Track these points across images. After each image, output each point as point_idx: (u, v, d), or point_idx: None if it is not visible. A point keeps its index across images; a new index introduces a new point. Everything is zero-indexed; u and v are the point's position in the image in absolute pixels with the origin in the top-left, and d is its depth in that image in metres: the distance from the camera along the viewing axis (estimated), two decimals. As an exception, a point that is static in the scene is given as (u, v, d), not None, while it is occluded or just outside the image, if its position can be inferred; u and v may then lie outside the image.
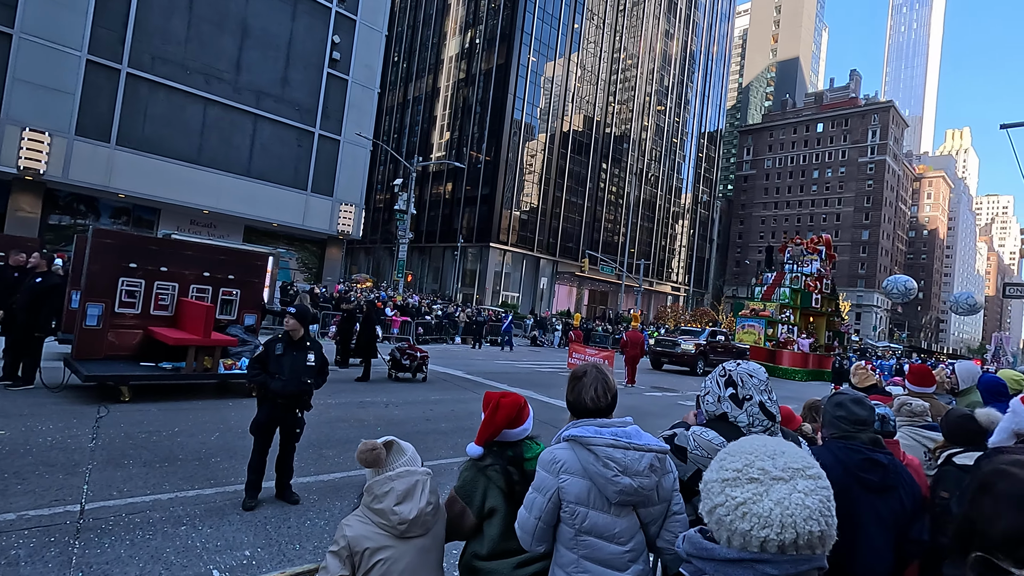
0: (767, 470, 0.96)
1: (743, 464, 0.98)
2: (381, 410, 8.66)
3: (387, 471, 2.02)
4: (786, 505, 0.92)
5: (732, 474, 0.98)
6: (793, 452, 1.00)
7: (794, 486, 0.94)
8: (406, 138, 65.83)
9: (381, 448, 2.05)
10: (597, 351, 17.23)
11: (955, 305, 18.00)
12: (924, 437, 3.37)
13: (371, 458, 2.03)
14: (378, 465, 2.04)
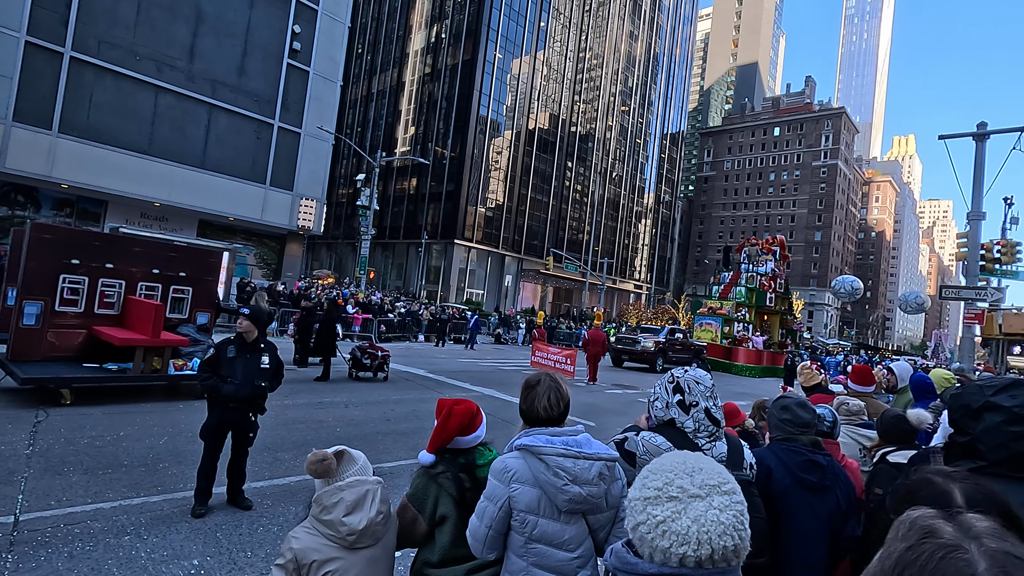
0: (685, 488, 1.00)
1: (663, 483, 1.02)
2: (340, 411, 8.52)
3: (337, 481, 2.00)
4: (702, 522, 0.96)
5: (653, 492, 1.02)
6: (710, 468, 1.04)
7: (710, 503, 0.99)
8: (370, 132, 64.76)
9: (331, 458, 2.02)
10: (560, 349, 17.35)
11: (904, 304, 18.92)
12: (860, 435, 3.54)
13: (321, 469, 2.00)
14: (328, 476, 2.01)
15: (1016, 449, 1.45)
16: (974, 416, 1.53)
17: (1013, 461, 1.46)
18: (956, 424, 1.60)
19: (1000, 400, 1.50)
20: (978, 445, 1.51)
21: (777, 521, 2.28)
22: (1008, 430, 1.47)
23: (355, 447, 6.71)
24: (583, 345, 16.14)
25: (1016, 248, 16.30)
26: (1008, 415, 1.48)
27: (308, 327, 11.89)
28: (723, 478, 1.03)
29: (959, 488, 1.08)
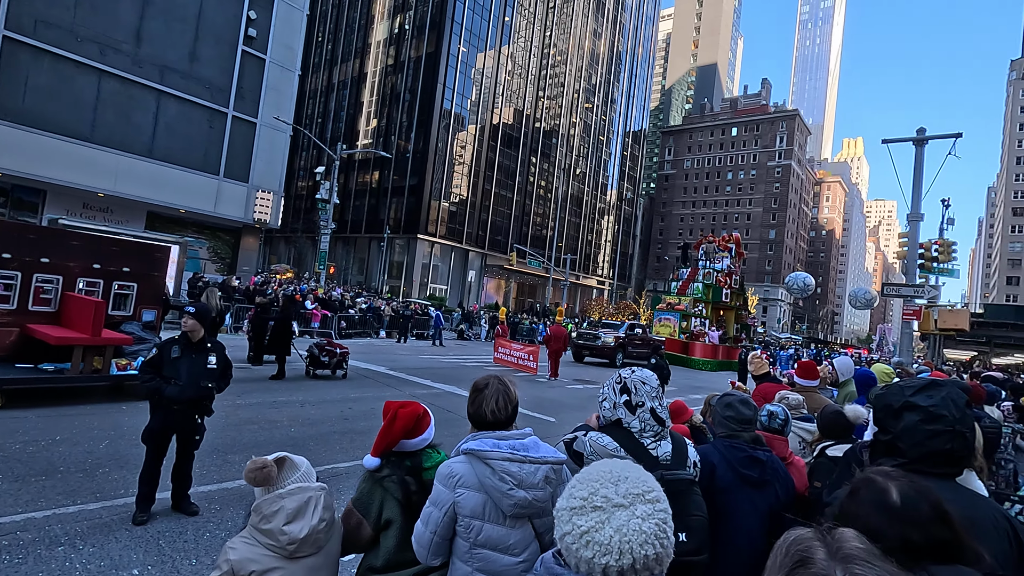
0: (609, 497, 1.01)
1: (588, 492, 1.03)
2: (296, 410, 8.32)
3: (278, 489, 1.94)
4: (624, 532, 0.97)
5: (578, 503, 1.02)
6: (636, 477, 1.05)
7: (633, 512, 1.00)
8: (331, 124, 63.28)
9: (272, 465, 1.96)
10: (523, 346, 17.42)
11: (854, 299, 19.80)
12: (800, 428, 3.68)
13: (261, 477, 1.93)
14: (268, 483, 1.95)
15: (932, 447, 1.53)
16: (895, 415, 1.60)
17: (929, 458, 1.54)
18: (880, 423, 1.67)
19: (918, 400, 1.57)
20: (898, 443, 1.58)
21: (720, 516, 2.34)
22: (925, 428, 1.54)
23: (310, 447, 6.57)
24: (545, 341, 16.27)
25: (952, 247, 17.25)
26: (925, 414, 1.55)
27: (263, 324, 11.55)
28: (648, 486, 1.04)
29: (895, 486, 1.13)
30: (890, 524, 1.09)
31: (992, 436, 4.62)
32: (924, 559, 1.09)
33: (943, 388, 1.60)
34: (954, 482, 1.57)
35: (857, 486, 1.18)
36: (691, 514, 1.90)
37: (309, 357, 11.12)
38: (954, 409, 1.55)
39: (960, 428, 1.53)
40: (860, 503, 1.14)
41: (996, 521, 1.49)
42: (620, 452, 2.07)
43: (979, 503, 1.52)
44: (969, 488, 1.61)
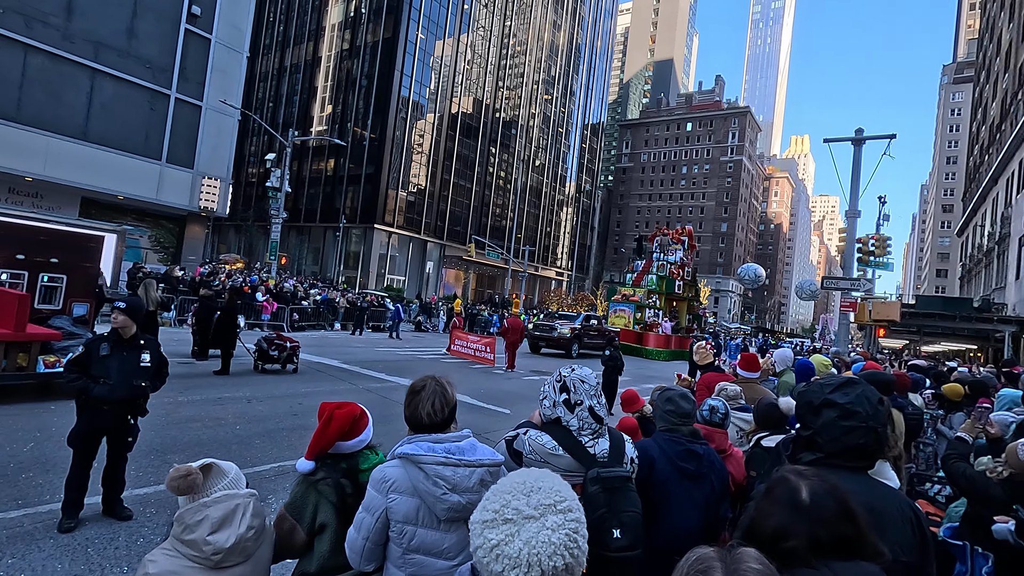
0: (520, 509, 1.00)
1: (500, 505, 1.02)
2: (242, 407, 8.05)
3: (202, 497, 1.86)
4: (533, 544, 0.96)
5: (490, 515, 1.02)
6: (549, 487, 1.05)
7: (543, 523, 0.99)
8: (283, 109, 61.12)
9: (196, 473, 1.88)
10: (480, 337, 17.39)
11: (800, 291, 20.69)
12: (737, 418, 3.82)
13: (184, 485, 1.84)
14: (193, 492, 1.86)
15: (847, 442, 1.60)
16: (815, 412, 1.67)
17: (846, 453, 1.62)
18: (801, 419, 1.74)
19: (836, 397, 1.65)
20: (817, 439, 1.65)
21: (659, 507, 2.41)
22: (841, 425, 1.61)
23: (256, 445, 6.37)
24: (501, 333, 16.27)
25: (887, 242, 18.28)
26: (842, 411, 1.62)
27: (208, 318, 11.10)
28: (560, 496, 1.04)
29: (806, 485, 1.18)
30: (799, 521, 1.13)
31: (914, 422, 4.92)
32: (829, 555, 1.14)
33: (858, 386, 1.68)
34: (866, 475, 1.66)
35: (772, 484, 1.23)
36: (625, 511, 1.93)
37: (258, 351, 10.77)
38: (868, 406, 1.63)
39: (873, 424, 1.61)
40: (774, 501, 1.19)
41: (902, 511, 1.58)
42: (559, 451, 2.09)
43: (888, 495, 1.60)
44: (880, 480, 1.70)
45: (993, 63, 38.69)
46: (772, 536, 1.15)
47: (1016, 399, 4.86)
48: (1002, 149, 30.10)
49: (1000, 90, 34.40)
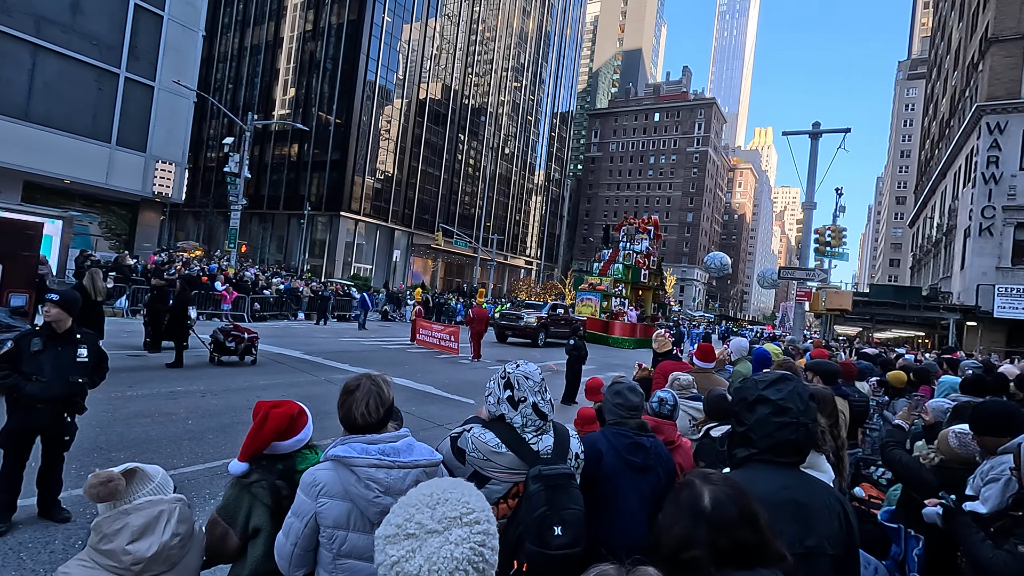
0: (423, 523, 0.96)
1: (403, 519, 0.97)
2: (196, 400, 7.80)
3: (123, 504, 1.76)
4: (434, 560, 0.92)
5: (392, 530, 0.97)
6: (456, 498, 1.01)
7: (447, 538, 0.95)
8: (243, 91, 59.00)
9: (118, 478, 1.77)
10: (444, 326, 17.29)
11: (761, 280, 21.25)
12: (690, 407, 3.88)
13: (105, 492, 1.74)
14: (115, 499, 1.76)
15: (779, 437, 1.63)
16: (749, 408, 1.69)
17: (777, 448, 1.64)
18: (736, 415, 1.76)
19: (768, 394, 1.67)
20: (751, 434, 1.67)
21: (606, 500, 2.42)
22: (773, 420, 1.63)
23: (209, 440, 6.18)
24: (467, 322, 16.19)
25: (843, 233, 18.93)
26: (774, 407, 1.64)
27: (161, 308, 10.69)
28: (467, 508, 1.00)
29: (708, 491, 1.16)
30: (700, 529, 1.12)
31: (860, 409, 5.10)
32: (730, 563, 1.12)
33: (791, 383, 1.70)
34: (797, 470, 1.69)
35: (679, 489, 1.22)
36: (567, 508, 1.93)
37: (213, 343, 10.43)
38: (799, 402, 1.65)
39: (803, 420, 1.64)
40: (678, 507, 1.18)
41: (830, 505, 1.61)
42: (501, 448, 2.07)
43: (816, 489, 1.63)
44: (811, 474, 1.73)
45: (944, 60, 40.21)
46: (675, 546, 1.14)
47: (954, 385, 5.08)
48: (950, 144, 31.41)
49: (950, 87, 35.81)
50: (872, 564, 2.98)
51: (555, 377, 12.07)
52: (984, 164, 24.20)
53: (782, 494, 1.56)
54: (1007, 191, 23.75)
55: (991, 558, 2.15)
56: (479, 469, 2.09)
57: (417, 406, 8.89)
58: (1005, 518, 2.31)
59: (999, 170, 23.88)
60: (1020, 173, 23.73)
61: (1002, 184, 23.84)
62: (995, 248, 23.89)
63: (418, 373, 12.00)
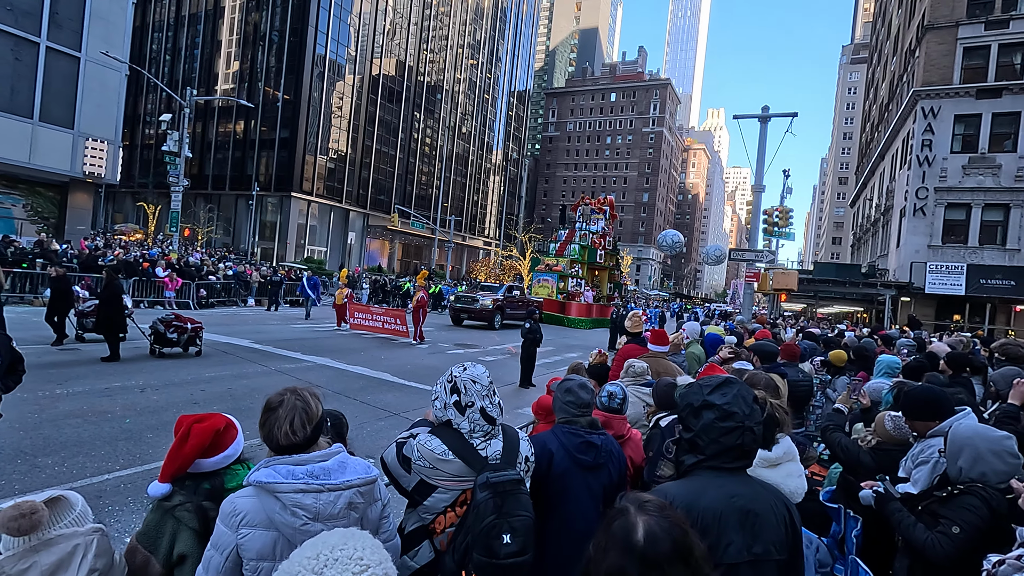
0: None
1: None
2: (134, 397, 7.39)
3: (32, 540, 1.58)
4: None
5: None
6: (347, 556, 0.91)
7: None
8: (182, 64, 55.69)
9: (42, 511, 1.58)
10: (386, 309, 16.79)
11: (706, 257, 21.73)
12: (643, 395, 3.91)
13: (28, 525, 1.55)
14: (37, 531, 1.58)
15: (726, 443, 1.61)
16: (695, 414, 1.67)
17: (725, 454, 1.62)
18: (683, 421, 1.73)
19: (714, 399, 1.65)
20: (698, 440, 1.65)
21: (558, 499, 2.40)
22: (719, 426, 1.61)
23: (149, 439, 5.85)
24: (419, 306, 15.73)
25: (789, 214, 19.63)
26: (720, 412, 1.62)
27: (59, 300, 10.02)
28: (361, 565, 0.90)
29: (643, 523, 1.10)
30: (630, 564, 1.06)
31: (804, 390, 5.28)
32: None
33: (734, 386, 1.69)
34: (745, 475, 1.68)
35: (612, 516, 1.15)
36: (516, 514, 1.88)
37: (154, 334, 9.89)
38: (744, 406, 1.64)
39: (749, 423, 1.63)
40: (610, 537, 1.12)
41: (775, 510, 1.61)
42: (448, 455, 2.00)
43: (763, 496, 1.63)
44: (756, 479, 1.73)
45: (884, 46, 41.80)
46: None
47: (893, 364, 5.30)
48: (889, 128, 32.84)
49: (889, 72, 37.31)
50: (814, 543, 3.09)
51: (515, 359, 12.08)
52: (919, 147, 25.42)
53: (730, 503, 1.56)
54: (939, 173, 25.06)
55: (925, 540, 2.24)
56: (425, 477, 2.01)
57: (373, 395, 8.72)
58: (930, 498, 2.41)
59: (932, 153, 25.13)
60: (951, 156, 25.05)
61: (935, 166, 25.12)
62: (927, 227, 25.26)
63: (374, 360, 11.78)
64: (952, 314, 25.36)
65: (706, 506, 1.54)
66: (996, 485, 2.25)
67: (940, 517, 2.27)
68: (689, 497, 1.56)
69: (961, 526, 2.16)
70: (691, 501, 1.55)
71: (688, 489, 1.61)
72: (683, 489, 1.62)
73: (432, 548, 2.01)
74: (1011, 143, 24.27)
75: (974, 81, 24.81)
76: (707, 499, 1.56)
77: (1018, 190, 23.91)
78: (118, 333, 9.26)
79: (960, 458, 2.30)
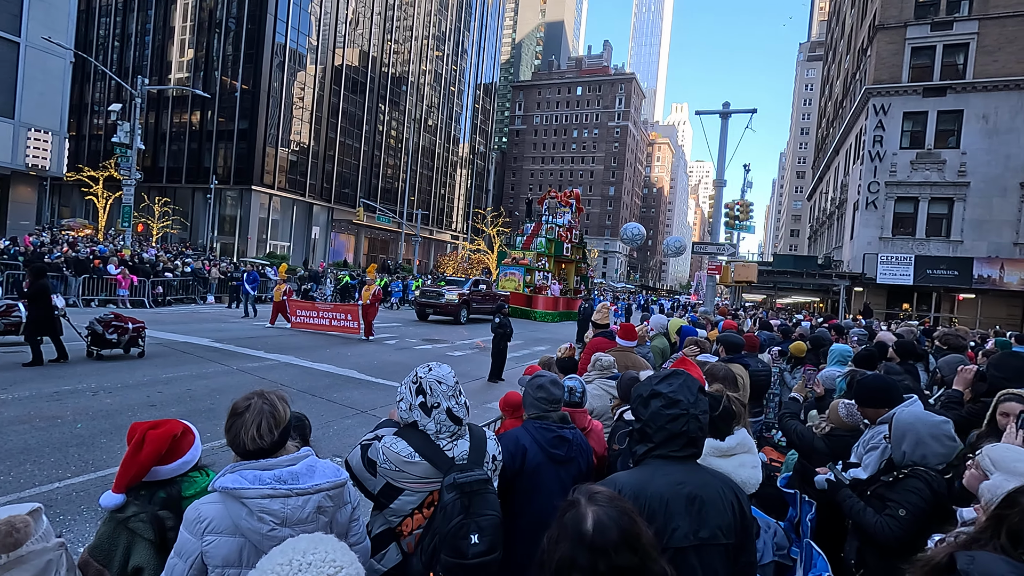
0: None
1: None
2: (86, 400, 7.09)
3: (3, 559, 1.49)
4: None
5: None
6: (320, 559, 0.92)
7: None
8: (133, 51, 53.28)
9: (24, 527, 1.50)
10: (333, 305, 16.23)
11: (667, 248, 22.13)
12: (610, 387, 3.99)
13: (11, 543, 1.46)
14: (17, 548, 1.49)
15: (671, 429, 1.68)
16: (644, 404, 1.74)
17: (671, 441, 1.69)
18: (634, 412, 1.80)
19: (661, 388, 1.73)
20: (647, 428, 1.71)
21: (531, 493, 2.43)
22: (665, 413, 1.69)
23: (102, 444, 5.66)
24: (372, 302, 15.12)
25: (750, 207, 20.20)
26: (666, 400, 1.70)
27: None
28: (335, 567, 0.91)
29: (592, 513, 1.15)
30: (581, 553, 1.11)
31: (762, 379, 5.47)
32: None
33: (680, 377, 1.77)
34: (694, 463, 1.75)
35: (564, 508, 1.20)
36: (483, 514, 1.90)
37: (91, 335, 9.34)
38: (688, 394, 1.71)
39: (693, 411, 1.70)
40: (561, 528, 1.17)
41: (724, 496, 1.68)
42: (415, 458, 1.99)
43: (711, 483, 1.70)
44: (706, 468, 1.80)
45: (838, 44, 43.23)
46: (556, 568, 1.13)
47: (845, 353, 5.53)
48: (843, 124, 34.05)
49: (843, 70, 38.63)
50: (772, 527, 3.21)
51: (483, 354, 12.08)
52: (871, 143, 26.45)
53: (676, 489, 1.62)
54: (890, 168, 26.15)
55: (875, 523, 2.35)
56: (391, 480, 2.01)
57: (339, 392, 8.60)
58: (878, 482, 2.53)
59: (883, 149, 26.19)
60: (900, 152, 26.16)
61: (885, 161, 26.20)
62: (879, 220, 26.36)
63: (340, 357, 11.60)
64: (901, 303, 26.58)
65: (653, 493, 1.61)
66: (936, 467, 2.39)
67: (888, 500, 2.39)
68: (637, 485, 1.63)
69: (907, 508, 2.28)
70: (639, 489, 1.61)
71: (637, 478, 1.67)
72: (632, 478, 1.68)
73: (400, 550, 2.01)
74: (955, 140, 25.51)
75: (921, 80, 25.94)
76: (654, 486, 1.63)
77: (961, 184, 25.17)
78: (48, 335, 8.72)
79: (904, 443, 2.42)
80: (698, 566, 1.59)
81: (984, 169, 24.77)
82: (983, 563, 1.15)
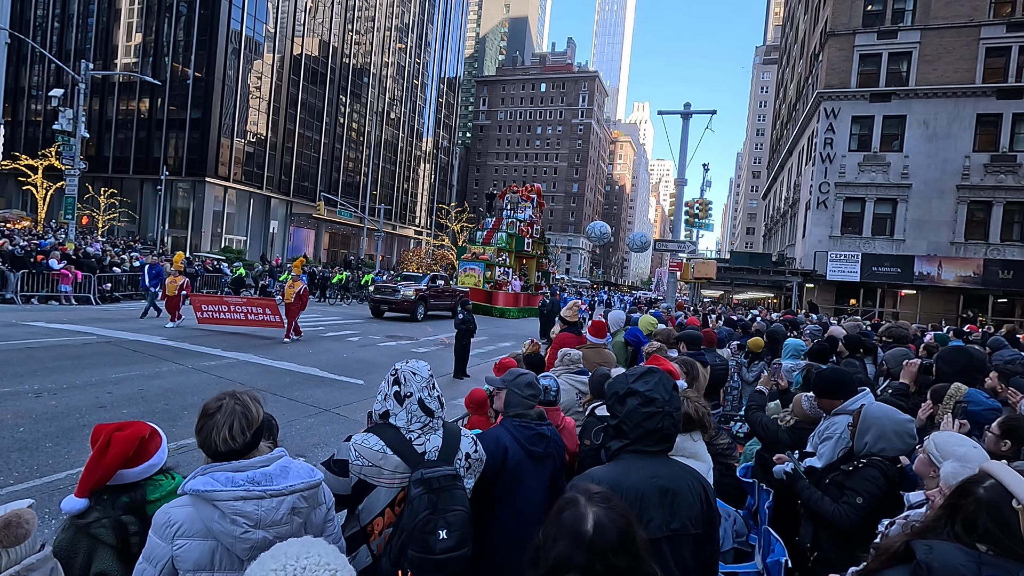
0: None
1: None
2: (28, 402, 6.71)
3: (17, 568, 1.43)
4: None
5: None
6: (315, 563, 0.92)
7: None
8: (74, 33, 50.45)
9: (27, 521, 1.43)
10: (245, 299, 15.08)
11: (631, 243, 22.50)
12: (577, 382, 4.06)
13: (11, 539, 1.40)
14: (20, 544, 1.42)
15: (648, 426, 1.74)
16: (620, 401, 1.79)
17: (647, 437, 1.75)
18: (610, 408, 1.85)
19: (637, 386, 1.78)
20: (623, 425, 1.77)
21: (511, 489, 2.47)
22: (642, 411, 1.74)
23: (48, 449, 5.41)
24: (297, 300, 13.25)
25: (709, 206, 20.80)
26: (642, 398, 1.75)
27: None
28: (330, 570, 0.91)
29: (592, 513, 1.17)
30: (579, 552, 1.13)
31: (720, 372, 5.67)
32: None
33: (656, 375, 1.83)
34: (666, 458, 1.82)
35: (562, 506, 1.22)
36: (451, 509, 1.91)
37: None
38: (664, 392, 1.77)
39: (668, 409, 1.76)
40: (560, 525, 1.18)
41: (693, 489, 1.76)
42: (387, 451, 1.99)
43: (682, 475, 1.77)
44: (677, 461, 1.87)
45: (792, 49, 44.79)
46: (552, 565, 1.15)
47: (799, 347, 5.77)
48: (796, 126, 35.36)
49: (796, 74, 40.06)
50: (732, 515, 3.34)
51: (448, 351, 12.02)
52: (822, 145, 27.59)
53: (651, 483, 1.68)
54: (839, 169, 27.34)
55: (833, 511, 2.48)
56: (364, 477, 2.00)
57: (301, 391, 8.42)
58: (836, 471, 2.67)
59: (833, 151, 27.36)
60: (849, 154, 27.38)
61: (835, 163, 27.38)
62: (829, 219, 27.54)
63: (301, 354, 11.35)
64: (849, 298, 27.89)
65: (629, 486, 1.66)
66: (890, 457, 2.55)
67: (845, 488, 2.52)
68: (614, 479, 1.67)
69: (864, 496, 2.42)
70: (615, 482, 1.65)
71: (614, 472, 1.73)
72: (609, 472, 1.73)
73: (369, 553, 2.01)
74: (898, 143, 26.88)
75: (868, 85, 27.19)
76: (630, 480, 1.68)
77: (903, 186, 26.55)
78: None
79: (868, 434, 2.56)
80: (670, 556, 1.65)
81: (924, 172, 26.21)
82: (940, 552, 1.23)
